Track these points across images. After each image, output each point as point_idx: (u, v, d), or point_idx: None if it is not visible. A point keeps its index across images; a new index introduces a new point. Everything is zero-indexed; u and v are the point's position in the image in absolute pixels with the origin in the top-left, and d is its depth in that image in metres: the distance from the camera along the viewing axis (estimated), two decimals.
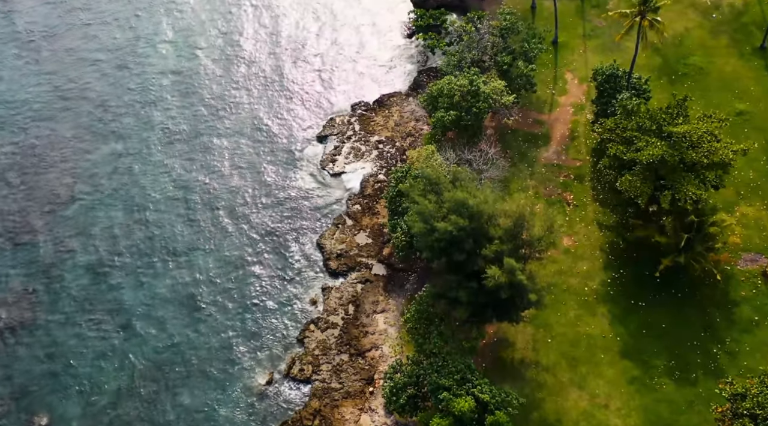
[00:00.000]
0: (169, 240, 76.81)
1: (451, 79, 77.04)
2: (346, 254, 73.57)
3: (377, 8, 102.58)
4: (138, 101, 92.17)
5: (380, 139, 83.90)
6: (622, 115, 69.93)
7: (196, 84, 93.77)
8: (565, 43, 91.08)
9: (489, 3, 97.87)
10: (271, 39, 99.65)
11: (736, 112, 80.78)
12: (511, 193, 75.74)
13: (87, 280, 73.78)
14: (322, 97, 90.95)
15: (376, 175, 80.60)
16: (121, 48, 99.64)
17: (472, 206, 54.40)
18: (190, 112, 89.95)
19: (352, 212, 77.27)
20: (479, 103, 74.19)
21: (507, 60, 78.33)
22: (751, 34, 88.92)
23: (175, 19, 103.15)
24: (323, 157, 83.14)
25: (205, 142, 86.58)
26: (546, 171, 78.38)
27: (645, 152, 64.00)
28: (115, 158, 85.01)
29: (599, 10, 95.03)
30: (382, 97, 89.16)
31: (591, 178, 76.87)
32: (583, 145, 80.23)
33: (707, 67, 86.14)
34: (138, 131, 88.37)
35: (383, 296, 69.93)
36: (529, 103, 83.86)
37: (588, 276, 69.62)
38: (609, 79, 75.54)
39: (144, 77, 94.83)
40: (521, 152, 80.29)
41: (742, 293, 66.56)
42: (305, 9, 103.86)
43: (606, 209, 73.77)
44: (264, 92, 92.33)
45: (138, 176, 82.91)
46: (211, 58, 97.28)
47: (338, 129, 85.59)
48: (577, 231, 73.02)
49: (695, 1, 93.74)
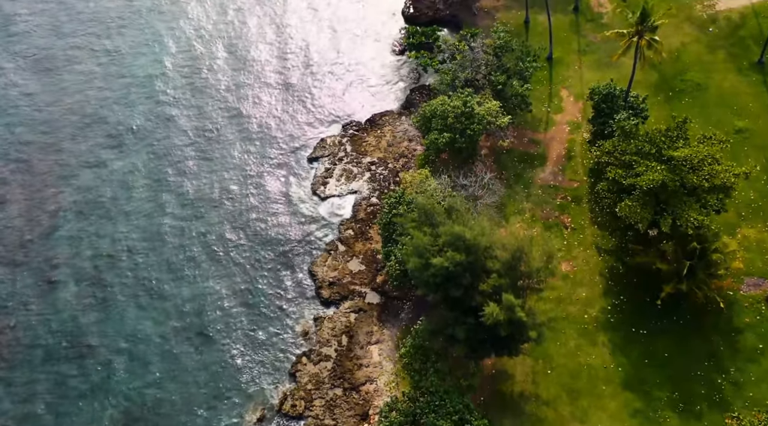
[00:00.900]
0: (153, 270, 74.30)
1: (445, 99, 75.14)
2: (338, 282, 71.47)
3: (367, 24, 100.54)
4: (121, 124, 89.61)
5: (372, 161, 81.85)
6: (621, 137, 68.20)
7: (180, 106, 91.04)
8: (560, 59, 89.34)
9: (482, 18, 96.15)
10: (256, 59, 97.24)
11: (735, 129, 79.21)
12: (508, 216, 74.13)
13: (68, 314, 71.26)
14: (312, 117, 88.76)
15: (369, 198, 78.56)
16: (96, 72, 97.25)
17: (468, 240, 52.41)
18: (175, 135, 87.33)
19: (344, 238, 75.16)
20: (474, 125, 72.30)
21: (501, 79, 76.50)
22: (748, 49, 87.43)
23: (152, 41, 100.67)
24: (314, 180, 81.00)
25: (190, 167, 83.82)
26: (542, 193, 76.53)
27: (645, 177, 62.24)
28: (100, 185, 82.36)
29: (594, 24, 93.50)
30: (374, 116, 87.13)
31: (589, 199, 75.04)
32: (580, 166, 78.43)
33: (705, 82, 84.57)
34: (122, 156, 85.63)
35: (377, 326, 67.87)
36: (525, 122, 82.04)
37: (587, 303, 67.78)
38: (606, 98, 73.82)
39: (125, 102, 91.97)
40: (517, 173, 78.42)
41: (745, 320, 64.86)
42: (290, 26, 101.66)
43: (605, 232, 71.98)
44: (251, 114, 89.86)
45: (122, 203, 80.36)
46: (194, 81, 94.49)
47: (329, 150, 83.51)
48: (576, 255, 71.18)
49: (691, 15, 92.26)
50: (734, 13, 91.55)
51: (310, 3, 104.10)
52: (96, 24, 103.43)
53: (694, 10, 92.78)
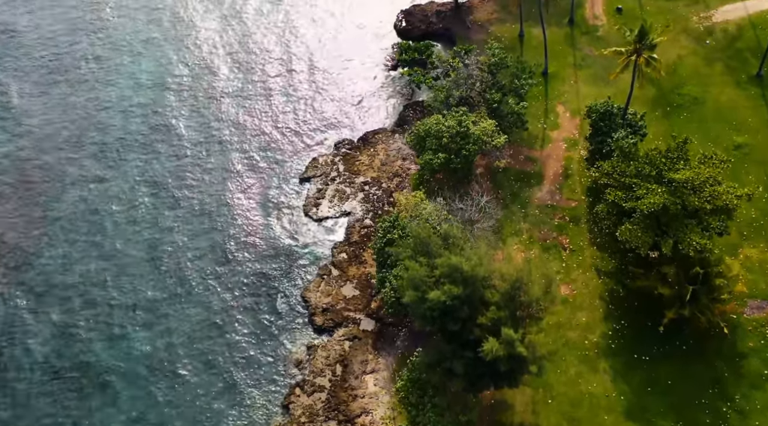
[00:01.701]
0: (142, 297, 72.11)
1: (439, 118, 73.46)
2: (332, 308, 69.56)
3: (359, 38, 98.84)
4: (109, 143, 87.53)
5: (366, 180, 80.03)
6: (620, 158, 66.65)
7: (170, 128, 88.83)
8: (556, 74, 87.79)
9: (475, 31, 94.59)
10: (246, 75, 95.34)
11: (735, 145, 77.83)
12: (505, 238, 72.48)
13: (56, 341, 69.06)
14: (303, 135, 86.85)
15: (363, 219, 76.71)
16: (83, 89, 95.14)
17: (466, 271, 50.66)
18: (163, 158, 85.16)
19: (337, 261, 73.27)
20: (469, 146, 70.64)
21: (497, 97, 74.85)
22: (746, 61, 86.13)
23: (137, 56, 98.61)
24: (306, 202, 79.06)
25: (178, 191, 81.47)
26: (540, 213, 74.87)
27: (645, 201, 60.68)
28: (85, 208, 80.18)
29: (589, 37, 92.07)
30: (367, 134, 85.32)
31: (587, 219, 73.43)
32: (578, 184, 76.83)
33: (702, 97, 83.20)
34: (112, 176, 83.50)
35: (373, 355, 65.99)
36: (520, 139, 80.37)
37: (588, 328, 66.09)
38: (603, 116, 72.23)
39: (115, 119, 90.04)
40: (513, 192, 76.75)
41: (749, 344, 63.30)
42: (282, 40, 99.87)
43: (604, 254, 70.37)
44: (241, 132, 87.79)
45: (108, 228, 78.12)
46: (181, 97, 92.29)
47: (321, 170, 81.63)
48: (575, 278, 69.51)
49: (687, 27, 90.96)
50: (731, 24, 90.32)
51: (298, 19, 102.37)
52: (87, 36, 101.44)
53: (690, 22, 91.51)
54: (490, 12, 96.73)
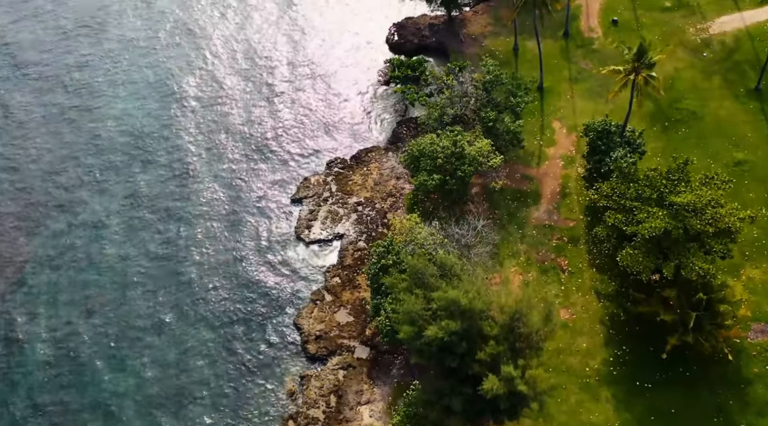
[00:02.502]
0: (129, 326, 69.80)
1: (433, 138, 71.70)
2: (326, 336, 67.63)
3: (351, 52, 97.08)
4: (94, 165, 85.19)
5: (359, 201, 78.15)
6: (619, 179, 64.98)
7: (155, 146, 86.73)
8: (551, 88, 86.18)
9: (469, 45, 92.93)
10: (234, 92, 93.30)
11: (735, 162, 76.36)
12: (502, 260, 70.73)
13: (41, 376, 66.83)
14: (294, 154, 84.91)
15: (356, 242, 74.81)
16: (69, 105, 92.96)
17: (464, 305, 48.85)
18: (149, 177, 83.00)
19: (331, 286, 71.34)
20: (464, 167, 68.87)
21: (492, 116, 73.11)
22: (744, 74, 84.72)
23: (126, 78, 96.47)
24: (298, 224, 77.08)
25: (165, 212, 79.33)
26: (537, 233, 73.16)
27: (646, 225, 59.02)
28: (71, 233, 77.96)
29: (585, 50, 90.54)
30: (360, 152, 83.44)
31: (586, 240, 71.79)
32: (576, 203, 75.18)
33: (701, 111, 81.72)
34: (96, 200, 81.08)
35: (368, 384, 64.08)
36: (516, 157, 78.68)
37: (588, 354, 64.37)
38: (601, 135, 70.58)
39: (98, 140, 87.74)
40: (510, 212, 75.03)
41: (754, 370, 61.71)
42: (270, 57, 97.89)
43: (603, 276, 68.69)
44: (230, 151, 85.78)
45: (94, 253, 75.91)
46: (170, 117, 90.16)
47: (313, 190, 79.70)
48: (574, 302, 67.81)
49: (684, 39, 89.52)
50: (728, 36, 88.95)
51: (287, 34, 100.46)
52: (67, 56, 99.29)
53: (686, 34, 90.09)
54: (484, 25, 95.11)
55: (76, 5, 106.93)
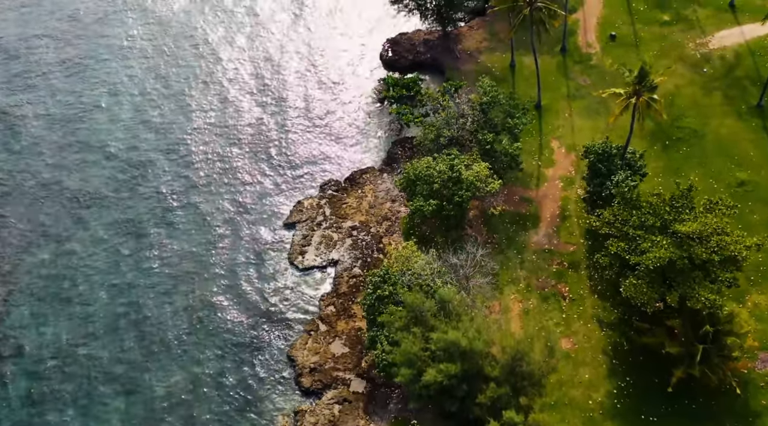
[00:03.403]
0: (116, 358, 67.26)
1: (429, 161, 69.75)
2: (320, 368, 65.49)
3: (344, 69, 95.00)
4: (80, 190, 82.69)
5: (354, 225, 76.09)
6: (621, 205, 63.16)
7: (143, 169, 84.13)
8: (549, 106, 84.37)
9: (465, 61, 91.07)
10: (223, 110, 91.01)
11: (738, 182, 74.67)
12: (501, 286, 68.79)
13: (24, 414, 64.44)
14: (287, 176, 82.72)
15: (351, 268, 72.72)
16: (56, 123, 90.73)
17: (464, 347, 46.88)
18: (138, 202, 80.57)
19: (325, 315, 69.23)
20: (462, 192, 66.92)
21: (489, 138, 71.17)
22: (745, 91, 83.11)
23: (113, 99, 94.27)
24: (291, 250, 74.90)
25: (154, 238, 76.85)
26: (537, 258, 71.25)
27: (650, 255, 57.19)
28: (56, 262, 75.53)
29: (583, 66, 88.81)
30: (354, 174, 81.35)
31: (587, 265, 69.92)
32: (576, 226, 73.31)
33: (702, 129, 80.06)
34: (82, 228, 78.50)
35: (364, 420, 61.93)
36: (515, 179, 76.73)
37: (591, 386, 62.43)
38: (602, 158, 68.74)
39: (84, 165, 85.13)
40: (509, 236, 73.11)
41: (762, 402, 59.84)
42: (261, 74, 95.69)
43: (605, 303, 66.85)
44: (220, 174, 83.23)
45: (79, 284, 73.25)
46: (158, 139, 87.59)
47: (307, 214, 77.57)
48: (576, 331, 65.89)
49: (683, 55, 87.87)
50: (728, 51, 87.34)
51: (279, 50, 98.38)
52: (49, 77, 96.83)
53: (686, 49, 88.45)
54: (479, 40, 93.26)
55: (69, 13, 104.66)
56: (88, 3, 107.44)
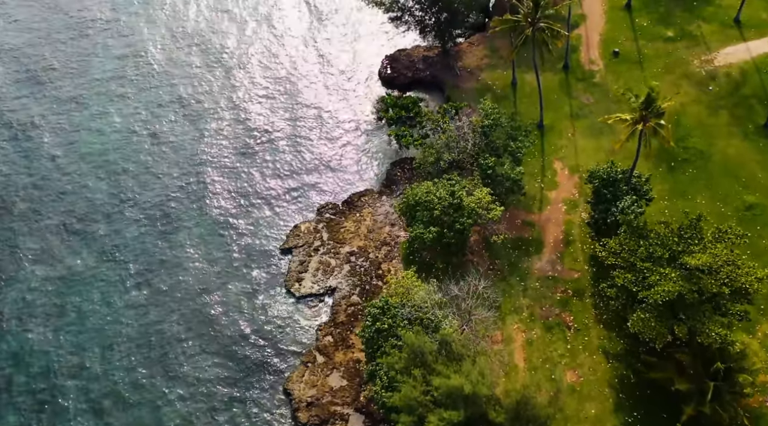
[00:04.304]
0: (105, 391, 64.96)
1: (429, 186, 67.81)
2: (317, 402, 63.43)
3: (341, 87, 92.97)
4: (73, 213, 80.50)
5: (352, 250, 74.07)
6: (627, 234, 61.26)
7: (136, 190, 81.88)
8: (552, 126, 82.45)
9: (465, 79, 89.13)
10: (218, 129, 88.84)
11: (746, 205, 72.84)
12: (504, 315, 66.87)
13: None
14: (283, 200, 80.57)
15: (349, 296, 70.70)
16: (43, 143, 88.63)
17: (467, 392, 44.91)
18: (130, 225, 78.25)
19: (322, 346, 67.19)
20: (463, 219, 64.97)
21: (491, 162, 69.20)
22: (752, 110, 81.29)
23: (104, 108, 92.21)
24: (288, 277, 72.81)
25: (146, 263, 74.59)
26: (540, 286, 69.30)
27: (659, 289, 55.29)
28: (43, 288, 73.37)
29: (586, 83, 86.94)
30: (352, 196, 79.31)
31: (592, 293, 67.99)
32: (580, 252, 71.36)
33: (708, 150, 78.22)
34: (69, 253, 76.24)
35: None
36: (517, 202, 74.68)
37: (598, 421, 60.48)
38: (607, 183, 66.76)
39: (77, 185, 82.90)
40: (511, 262, 71.15)
41: None
42: (255, 90, 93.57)
43: (611, 333, 65.00)
44: (214, 197, 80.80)
45: (69, 310, 71.13)
46: (151, 161, 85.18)
47: (304, 239, 75.53)
48: (581, 363, 63.92)
49: (688, 72, 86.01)
50: (734, 68, 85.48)
51: (276, 65, 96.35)
52: (42, 95, 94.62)
53: (691, 66, 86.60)
54: (480, 57, 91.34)
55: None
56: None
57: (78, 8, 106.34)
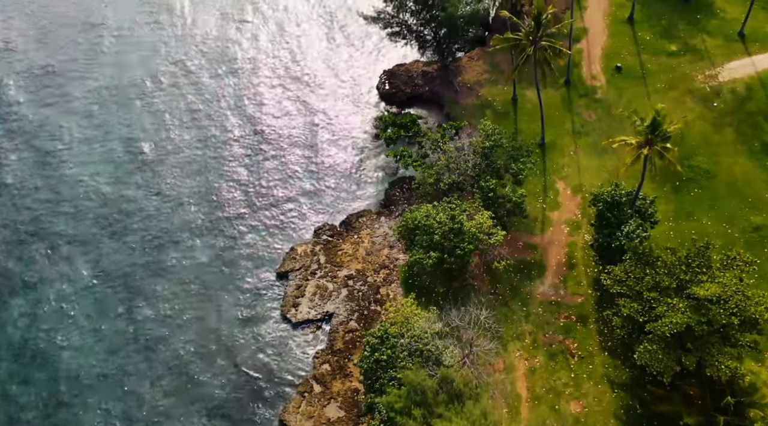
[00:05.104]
0: (90, 424, 63.55)
1: (429, 210, 66.06)
2: None
3: (339, 103, 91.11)
4: (61, 236, 78.64)
5: (350, 274, 72.26)
6: (633, 261, 59.49)
7: (127, 213, 79.71)
8: (553, 144, 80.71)
9: (465, 95, 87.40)
10: (212, 145, 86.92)
11: (752, 226, 71.11)
12: (506, 342, 65.07)
13: None
14: (279, 220, 78.69)
15: (347, 321, 68.89)
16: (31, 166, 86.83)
17: None
18: (122, 251, 76.25)
19: (320, 374, 65.35)
20: (464, 245, 63.21)
21: (492, 184, 67.44)
22: (758, 127, 79.59)
23: (101, 141, 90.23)
24: (284, 302, 70.96)
25: (138, 290, 72.57)
26: (543, 311, 67.54)
27: (666, 321, 53.52)
28: (33, 319, 71.50)
29: (588, 99, 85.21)
30: (350, 217, 77.51)
31: (596, 319, 66.27)
32: (583, 275, 69.61)
33: (713, 169, 76.49)
34: (58, 280, 74.16)
35: None
36: (518, 223, 72.99)
37: None
38: (611, 207, 64.98)
39: (67, 209, 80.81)
40: (513, 287, 69.37)
41: None
42: (250, 108, 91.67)
43: (616, 361, 63.25)
44: (208, 219, 78.54)
45: (58, 341, 69.12)
46: (144, 184, 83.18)
47: (301, 262, 73.69)
48: (586, 392, 62.12)
49: (693, 87, 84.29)
50: (739, 83, 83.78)
51: (271, 81, 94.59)
52: (31, 122, 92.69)
53: (695, 82, 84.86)
54: (480, 72, 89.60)
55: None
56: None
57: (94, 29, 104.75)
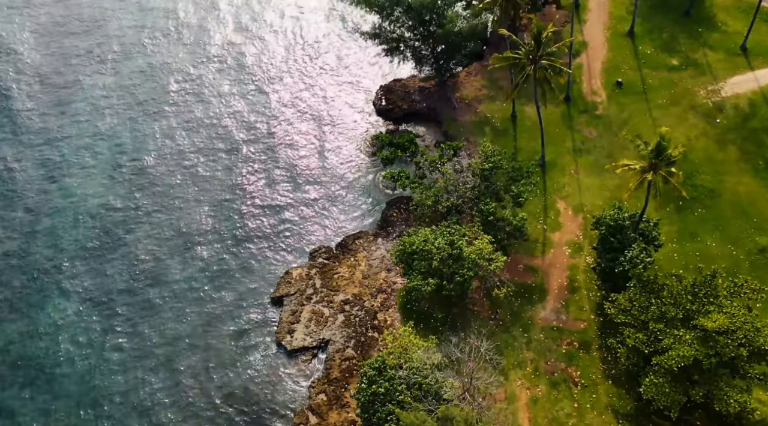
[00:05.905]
0: None
1: (428, 234, 64.38)
2: None
3: (335, 120, 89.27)
4: (51, 258, 76.76)
5: (346, 299, 70.45)
6: (638, 289, 57.87)
7: (120, 235, 77.83)
8: (554, 162, 79.05)
9: (463, 111, 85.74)
10: (207, 164, 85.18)
11: (758, 248, 69.48)
12: (507, 371, 63.31)
13: None
14: (274, 243, 76.71)
15: (344, 349, 67.06)
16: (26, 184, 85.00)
17: None
18: (113, 275, 74.13)
19: (315, 405, 63.50)
20: (463, 271, 61.51)
21: (491, 207, 65.76)
22: (762, 144, 78.07)
23: (93, 155, 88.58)
24: (279, 328, 69.08)
25: (128, 316, 70.55)
26: (545, 337, 65.82)
27: (673, 354, 51.93)
28: (25, 343, 69.54)
29: (588, 116, 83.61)
30: (346, 239, 75.66)
31: (599, 346, 64.54)
32: (586, 300, 67.91)
33: (718, 188, 74.91)
34: (50, 303, 72.33)
35: None
36: (518, 245, 71.28)
37: None
38: (614, 230, 63.34)
39: (52, 228, 78.80)
40: (514, 312, 67.64)
41: None
42: (244, 124, 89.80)
43: (621, 390, 61.50)
44: (201, 241, 76.62)
45: (50, 367, 67.18)
46: (134, 201, 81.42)
47: (296, 286, 71.85)
48: (590, 423, 60.32)
49: (695, 103, 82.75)
50: (742, 99, 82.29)
51: (265, 97, 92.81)
52: (27, 133, 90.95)
53: (697, 97, 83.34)
54: (478, 88, 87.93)
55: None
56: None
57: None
